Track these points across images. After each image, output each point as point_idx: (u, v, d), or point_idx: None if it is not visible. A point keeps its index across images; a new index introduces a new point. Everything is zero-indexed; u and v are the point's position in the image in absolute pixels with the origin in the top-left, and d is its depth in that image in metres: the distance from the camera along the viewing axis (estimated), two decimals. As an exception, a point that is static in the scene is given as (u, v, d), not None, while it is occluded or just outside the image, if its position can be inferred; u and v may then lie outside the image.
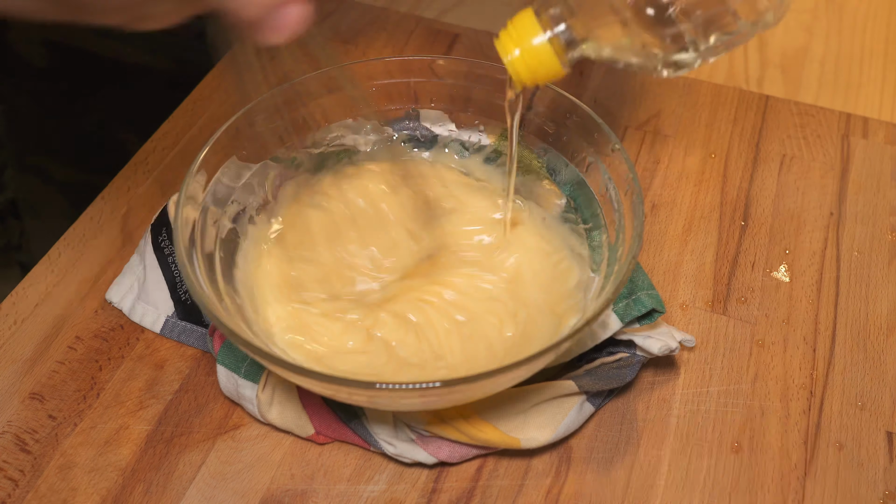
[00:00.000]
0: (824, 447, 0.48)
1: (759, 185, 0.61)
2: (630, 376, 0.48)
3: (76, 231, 0.57)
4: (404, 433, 0.46)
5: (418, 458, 0.46)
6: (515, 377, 0.41)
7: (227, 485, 0.46)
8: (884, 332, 0.53)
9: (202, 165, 0.46)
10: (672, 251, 0.57)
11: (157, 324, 0.52)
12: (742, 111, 0.67)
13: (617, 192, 0.47)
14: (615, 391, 0.49)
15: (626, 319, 0.47)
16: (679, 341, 0.48)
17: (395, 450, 0.46)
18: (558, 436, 0.46)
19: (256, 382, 0.47)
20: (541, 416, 0.46)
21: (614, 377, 0.47)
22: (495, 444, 0.46)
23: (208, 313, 0.40)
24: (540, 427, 0.46)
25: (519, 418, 0.46)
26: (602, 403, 0.49)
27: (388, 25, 0.73)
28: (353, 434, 0.46)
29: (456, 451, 0.46)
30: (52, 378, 0.50)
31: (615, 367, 0.48)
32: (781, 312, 0.54)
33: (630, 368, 0.48)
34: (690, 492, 0.46)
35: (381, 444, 0.46)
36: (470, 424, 0.45)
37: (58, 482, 0.46)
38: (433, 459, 0.46)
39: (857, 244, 0.58)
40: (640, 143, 0.64)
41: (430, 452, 0.46)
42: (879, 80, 0.70)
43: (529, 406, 0.47)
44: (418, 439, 0.46)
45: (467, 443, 0.46)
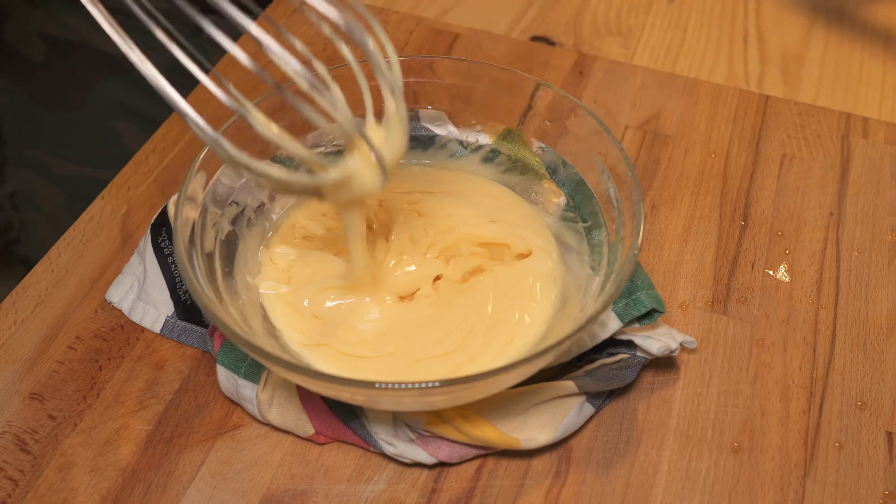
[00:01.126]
0: (824, 447, 0.48)
1: (759, 185, 0.61)
2: (630, 377, 0.48)
3: (76, 231, 0.57)
4: (404, 433, 0.46)
5: (418, 458, 0.46)
6: (515, 377, 0.41)
7: (227, 485, 0.46)
8: (884, 332, 0.53)
9: (202, 165, 0.46)
10: (672, 251, 0.57)
11: (157, 324, 0.52)
12: (742, 111, 0.67)
13: (616, 191, 0.47)
14: (616, 392, 0.49)
15: (626, 319, 0.47)
16: (680, 343, 0.48)
17: (394, 450, 0.46)
18: (558, 436, 0.46)
19: (256, 382, 0.47)
20: (541, 417, 0.46)
21: (614, 378, 0.47)
22: (495, 445, 0.46)
23: (207, 313, 0.41)
24: (540, 427, 0.46)
25: (519, 419, 0.46)
26: (602, 404, 0.49)
27: (388, 25, 0.73)
28: (352, 434, 0.47)
29: (456, 451, 0.46)
30: (52, 378, 0.50)
31: (615, 367, 0.48)
32: (781, 312, 0.54)
33: (630, 369, 0.48)
34: (690, 492, 0.46)
35: (381, 444, 0.46)
36: (470, 424, 0.45)
37: (58, 482, 0.46)
38: (433, 459, 0.46)
39: (857, 244, 0.58)
40: (640, 143, 0.64)
41: (429, 452, 0.46)
42: (879, 80, 0.70)
43: (529, 406, 0.47)
44: (418, 439, 0.46)
45: (467, 443, 0.46)
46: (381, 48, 0.41)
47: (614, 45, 0.72)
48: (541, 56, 0.71)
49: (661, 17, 0.75)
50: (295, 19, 0.74)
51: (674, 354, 0.49)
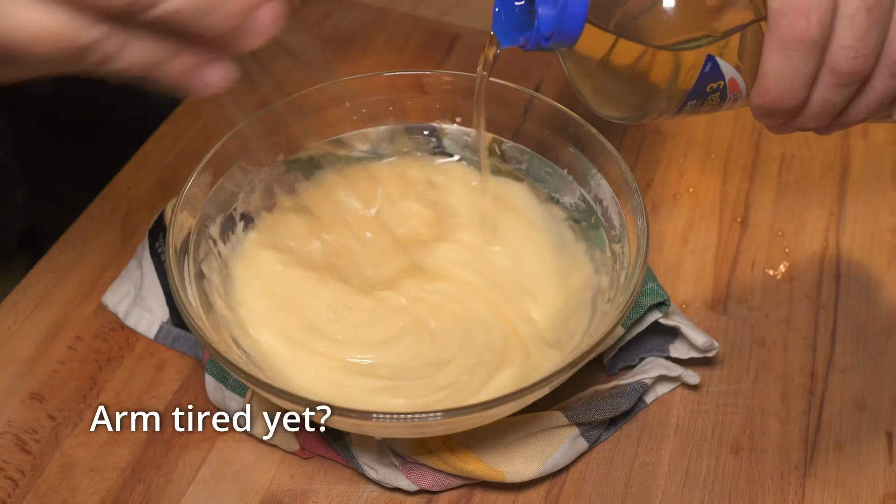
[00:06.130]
0: (824, 447, 0.48)
1: (759, 185, 0.61)
2: (626, 406, 0.46)
3: (76, 231, 0.57)
4: (388, 458, 0.45)
5: (400, 485, 0.45)
6: (517, 405, 0.41)
7: (227, 485, 0.46)
8: (884, 332, 0.53)
9: (202, 170, 0.46)
10: (672, 251, 0.57)
11: (152, 330, 0.51)
12: (742, 111, 0.66)
13: (616, 201, 0.47)
14: (612, 426, 0.48)
15: (627, 324, 0.47)
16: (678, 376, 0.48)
17: (377, 475, 0.45)
18: (545, 471, 0.45)
19: (243, 396, 0.46)
20: (528, 449, 0.45)
21: (607, 407, 0.46)
22: (479, 477, 0.44)
23: (194, 330, 0.41)
24: (527, 460, 0.45)
25: (506, 451, 0.45)
26: (597, 440, 0.47)
27: (388, 25, 0.73)
28: (336, 454, 0.46)
29: (439, 480, 0.45)
30: (52, 378, 0.50)
31: (608, 395, 0.46)
32: (781, 312, 0.54)
33: (625, 397, 0.46)
34: (690, 492, 0.46)
35: (364, 468, 0.45)
36: (455, 456, 0.44)
37: (58, 482, 0.46)
38: (415, 487, 0.45)
39: (857, 244, 0.58)
40: (640, 143, 0.64)
41: (412, 480, 0.44)
42: (879, 80, 0.70)
43: (517, 438, 0.45)
44: (401, 465, 0.45)
45: (451, 472, 0.45)
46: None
47: (614, 45, 0.72)
48: (541, 56, 0.71)
49: (661, 17, 0.75)
50: (295, 20, 0.74)
51: (675, 386, 0.49)
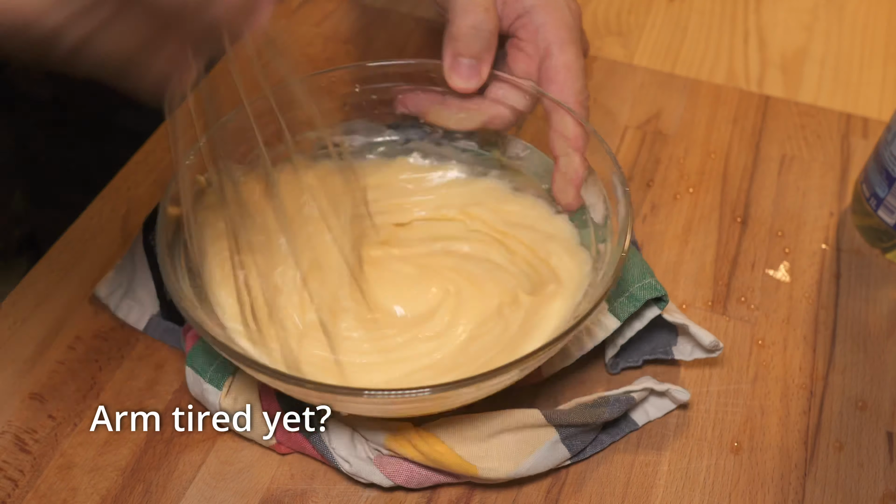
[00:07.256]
0: (824, 447, 0.48)
1: (759, 185, 0.61)
2: (609, 415, 0.45)
3: (76, 231, 0.57)
4: (363, 450, 0.45)
5: (374, 480, 0.44)
6: (508, 378, 0.41)
7: (227, 485, 0.46)
8: (884, 332, 0.53)
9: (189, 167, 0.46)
10: (672, 251, 0.57)
11: (142, 321, 0.51)
12: (742, 111, 0.67)
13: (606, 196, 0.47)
14: (598, 444, 0.47)
15: (624, 317, 0.47)
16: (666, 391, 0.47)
17: (350, 468, 0.44)
18: (520, 473, 0.44)
19: (220, 389, 0.46)
20: (504, 447, 0.44)
21: (589, 414, 0.45)
22: (451, 469, 0.44)
23: (182, 309, 0.41)
24: (502, 458, 0.44)
25: (482, 445, 0.44)
26: (581, 452, 0.46)
27: (388, 25, 0.73)
28: (311, 448, 0.46)
29: (414, 475, 0.44)
30: (52, 378, 0.50)
31: (591, 405, 0.45)
32: (781, 312, 0.54)
33: (609, 406, 0.45)
34: (690, 492, 0.46)
35: (338, 461, 0.45)
36: (426, 443, 0.43)
37: (58, 482, 0.46)
38: (389, 482, 0.44)
39: (857, 244, 0.58)
40: (640, 143, 0.64)
41: (386, 475, 0.44)
42: (879, 80, 0.70)
43: (493, 432, 0.44)
44: (376, 459, 0.44)
45: (425, 465, 0.44)
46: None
47: (614, 45, 0.72)
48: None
49: (661, 17, 0.75)
50: (295, 20, 0.74)
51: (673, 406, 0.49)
